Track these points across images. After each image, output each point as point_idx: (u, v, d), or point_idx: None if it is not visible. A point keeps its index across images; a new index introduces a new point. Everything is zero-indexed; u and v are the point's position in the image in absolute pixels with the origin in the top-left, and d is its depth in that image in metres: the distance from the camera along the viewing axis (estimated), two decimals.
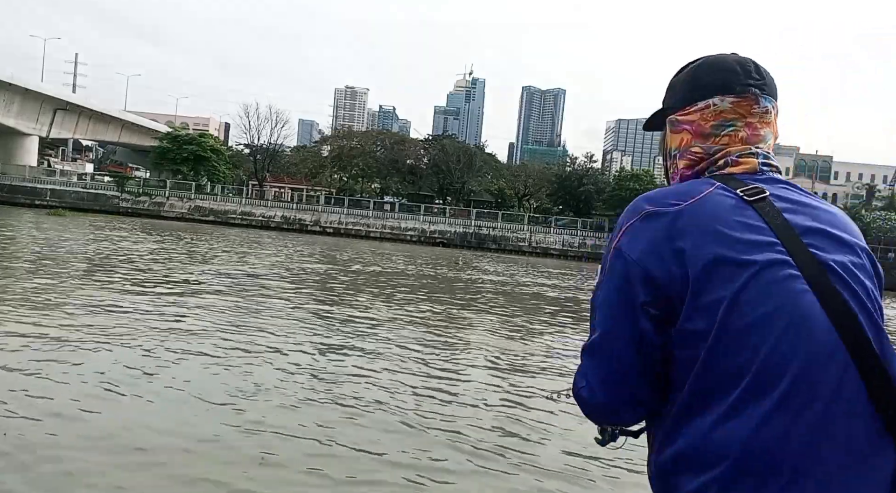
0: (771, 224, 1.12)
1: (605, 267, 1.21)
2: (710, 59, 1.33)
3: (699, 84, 1.31)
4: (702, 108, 1.29)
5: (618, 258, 1.18)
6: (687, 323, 1.10)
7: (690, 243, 1.11)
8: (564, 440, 6.02)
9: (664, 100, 1.41)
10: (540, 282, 25.32)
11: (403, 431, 5.91)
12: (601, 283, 1.21)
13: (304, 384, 7.11)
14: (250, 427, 5.57)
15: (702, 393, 1.08)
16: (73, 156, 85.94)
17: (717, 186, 1.18)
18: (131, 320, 9.52)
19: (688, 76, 1.34)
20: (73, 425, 5.29)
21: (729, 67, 1.29)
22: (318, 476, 4.75)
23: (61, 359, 7.10)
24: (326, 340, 9.68)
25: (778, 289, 1.06)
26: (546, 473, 5.20)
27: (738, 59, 1.31)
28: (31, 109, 54.99)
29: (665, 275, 1.11)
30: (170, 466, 4.66)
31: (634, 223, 1.18)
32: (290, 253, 27.58)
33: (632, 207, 1.21)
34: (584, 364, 1.21)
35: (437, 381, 7.81)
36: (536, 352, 10.35)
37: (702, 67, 1.33)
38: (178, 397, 6.24)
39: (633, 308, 1.14)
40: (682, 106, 1.33)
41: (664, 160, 1.41)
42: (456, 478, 4.97)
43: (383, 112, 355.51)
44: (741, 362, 1.05)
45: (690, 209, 1.14)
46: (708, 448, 1.05)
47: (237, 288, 14.38)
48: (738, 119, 1.27)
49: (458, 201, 63.38)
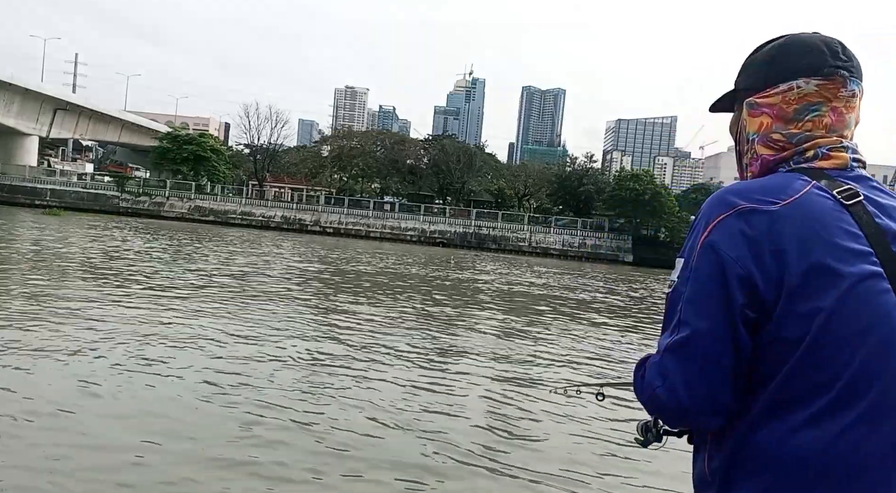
0: (866, 231, 1.09)
1: (691, 261, 1.14)
2: (795, 38, 1.26)
3: (782, 65, 1.23)
4: (784, 90, 1.22)
5: (711, 254, 1.11)
6: (779, 330, 1.08)
7: (792, 247, 1.08)
8: (560, 440, 6.01)
9: (738, 80, 1.33)
10: (531, 280, 25.31)
11: (391, 431, 5.90)
12: (686, 278, 1.14)
13: (291, 381, 7.10)
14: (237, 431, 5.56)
15: (784, 400, 1.09)
16: (73, 156, 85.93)
17: (812, 184, 1.14)
18: (101, 318, 9.51)
19: (768, 56, 1.27)
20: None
21: (815, 48, 1.22)
22: (313, 474, 4.75)
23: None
24: (315, 340, 9.67)
25: (872, 304, 1.06)
26: (540, 475, 5.19)
27: (824, 39, 1.23)
28: (31, 109, 54.97)
29: (765, 278, 1.08)
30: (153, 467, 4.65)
31: (727, 219, 1.12)
32: (282, 252, 27.56)
33: (718, 201, 1.15)
34: (666, 363, 1.13)
35: (425, 379, 7.80)
36: (527, 349, 10.34)
37: (785, 47, 1.25)
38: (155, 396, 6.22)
39: (731, 309, 1.09)
40: (761, 87, 1.25)
41: (738, 144, 1.33)
42: (448, 479, 4.95)
43: (383, 112, 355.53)
44: (830, 374, 1.06)
45: (790, 210, 1.10)
46: (785, 454, 1.06)
47: (213, 287, 14.36)
48: (823, 103, 1.20)
49: (458, 201, 63.37)
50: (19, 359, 6.97)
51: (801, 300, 1.06)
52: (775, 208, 1.10)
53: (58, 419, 5.40)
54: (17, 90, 51.48)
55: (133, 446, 4.94)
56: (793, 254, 1.07)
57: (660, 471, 5.30)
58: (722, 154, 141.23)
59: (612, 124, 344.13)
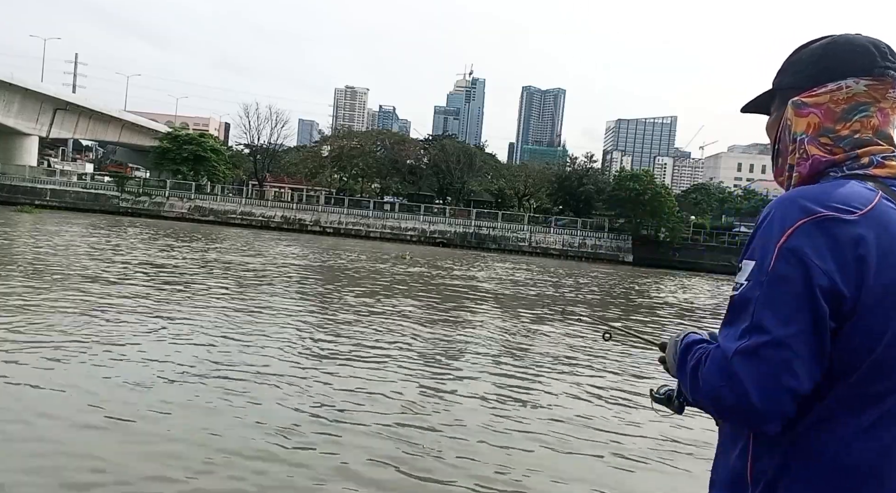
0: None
1: (766, 265, 1.11)
2: (843, 38, 1.25)
3: (830, 64, 1.23)
4: (832, 89, 1.22)
5: (793, 260, 1.09)
6: (848, 342, 1.10)
7: (873, 261, 1.08)
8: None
9: (779, 80, 1.33)
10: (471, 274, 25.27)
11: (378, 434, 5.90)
12: (761, 282, 1.11)
13: (280, 382, 7.10)
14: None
15: (845, 408, 1.12)
16: (73, 156, 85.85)
17: (880, 195, 1.14)
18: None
19: (815, 56, 1.26)
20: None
21: (864, 49, 1.22)
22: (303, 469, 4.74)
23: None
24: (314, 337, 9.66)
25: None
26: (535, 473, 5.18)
27: (871, 40, 1.24)
28: (31, 109, 54.96)
29: (848, 289, 1.08)
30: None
31: (807, 226, 1.10)
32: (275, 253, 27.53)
33: (794, 205, 1.13)
34: (736, 366, 1.10)
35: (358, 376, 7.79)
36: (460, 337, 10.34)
37: (832, 47, 1.25)
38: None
39: (818, 318, 1.08)
40: (808, 86, 1.25)
41: (777, 143, 1.31)
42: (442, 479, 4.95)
43: (383, 112, 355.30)
44: (889, 385, 1.10)
45: (869, 221, 1.10)
46: (841, 461, 1.10)
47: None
48: (871, 103, 1.21)
49: (458, 201, 63.37)
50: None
51: (873, 316, 1.09)
52: (854, 218, 1.09)
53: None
54: (17, 90, 51.47)
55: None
56: (873, 267, 1.08)
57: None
58: (722, 154, 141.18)
59: (612, 124, 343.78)
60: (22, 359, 6.94)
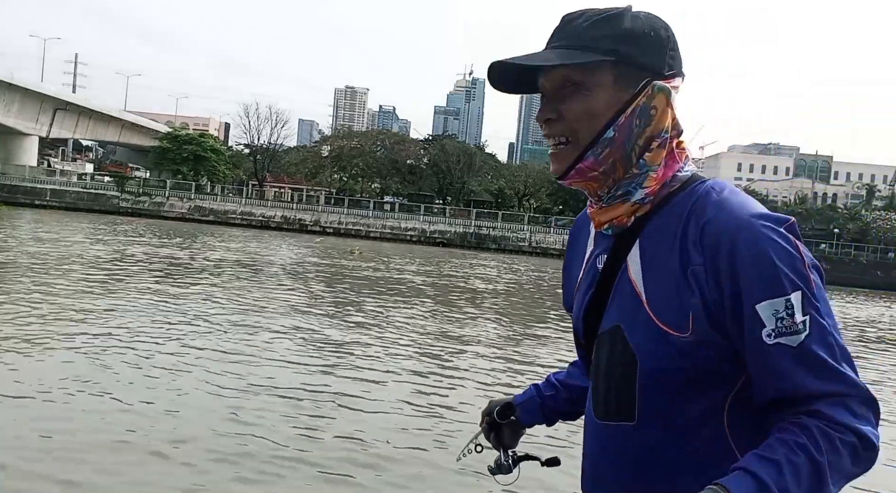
0: None
1: (812, 290, 0.92)
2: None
3: (678, 54, 1.06)
4: (679, 85, 1.06)
5: (820, 277, 0.95)
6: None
7: None
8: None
9: (627, 52, 1.02)
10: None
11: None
12: (827, 311, 0.92)
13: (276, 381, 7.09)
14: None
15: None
16: (73, 156, 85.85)
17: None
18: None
19: (672, 40, 1.05)
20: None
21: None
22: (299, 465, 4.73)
23: None
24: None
25: None
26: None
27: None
28: (31, 109, 54.99)
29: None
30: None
31: (796, 236, 0.95)
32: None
33: (788, 221, 0.95)
34: (870, 412, 0.91)
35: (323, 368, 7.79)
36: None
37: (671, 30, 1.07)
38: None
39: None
40: (670, 74, 1.04)
41: (623, 132, 1.02)
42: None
43: (383, 112, 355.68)
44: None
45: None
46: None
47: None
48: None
49: (458, 201, 63.38)
50: None
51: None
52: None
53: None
54: (17, 90, 51.53)
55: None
56: None
57: None
58: (722, 154, 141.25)
59: None
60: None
